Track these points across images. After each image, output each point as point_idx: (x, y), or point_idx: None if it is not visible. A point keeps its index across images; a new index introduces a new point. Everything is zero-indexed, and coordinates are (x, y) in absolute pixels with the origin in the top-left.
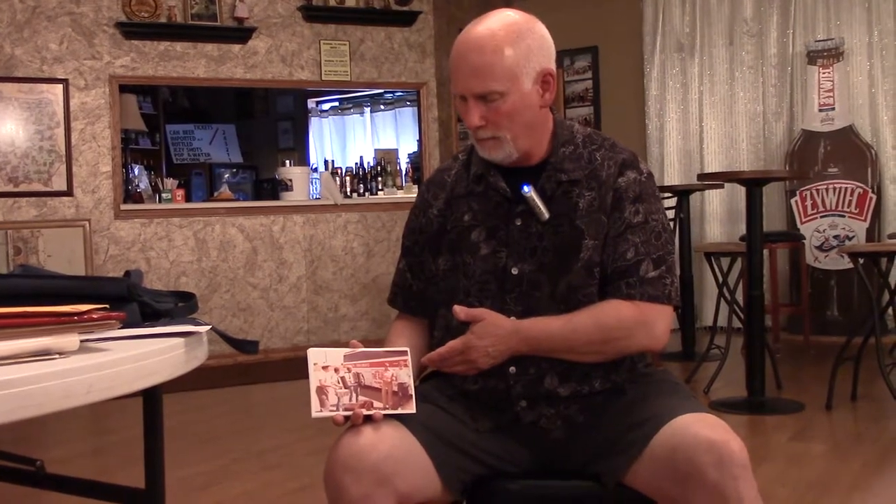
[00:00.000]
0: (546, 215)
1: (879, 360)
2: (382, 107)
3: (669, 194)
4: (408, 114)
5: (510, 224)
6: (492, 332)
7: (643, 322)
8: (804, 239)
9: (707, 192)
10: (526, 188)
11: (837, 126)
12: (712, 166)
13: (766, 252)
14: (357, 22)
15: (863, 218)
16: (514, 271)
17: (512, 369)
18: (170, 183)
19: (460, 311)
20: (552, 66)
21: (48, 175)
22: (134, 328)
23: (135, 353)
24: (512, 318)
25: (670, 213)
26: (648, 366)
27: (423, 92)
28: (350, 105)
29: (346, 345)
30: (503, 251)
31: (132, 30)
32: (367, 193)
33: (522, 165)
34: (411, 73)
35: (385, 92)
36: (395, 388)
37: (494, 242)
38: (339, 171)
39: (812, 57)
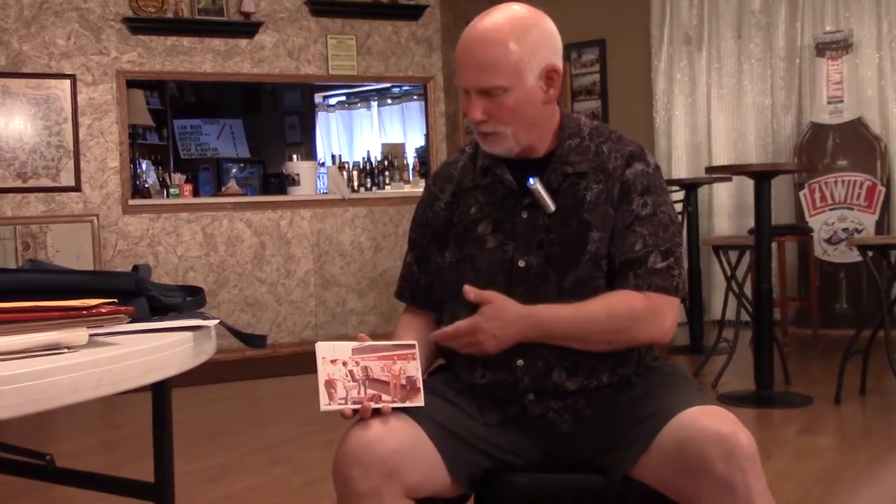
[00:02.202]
0: (552, 208)
1: (888, 354)
2: (389, 101)
3: (677, 188)
4: (415, 108)
5: (517, 217)
6: (500, 314)
7: (654, 314)
8: (813, 232)
9: (715, 185)
10: (531, 181)
11: (846, 118)
12: (720, 159)
13: (774, 245)
14: (364, 16)
15: (872, 211)
16: (521, 264)
17: (520, 363)
18: (177, 178)
19: (470, 290)
20: (558, 62)
21: (56, 170)
22: (142, 322)
23: (144, 348)
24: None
25: (678, 207)
26: (656, 359)
27: (429, 86)
28: (357, 99)
29: (354, 339)
30: (510, 244)
31: (139, 25)
32: (374, 188)
33: (528, 158)
34: (418, 68)
35: (392, 86)
36: (404, 382)
37: (501, 235)
38: (347, 166)
39: (821, 49)
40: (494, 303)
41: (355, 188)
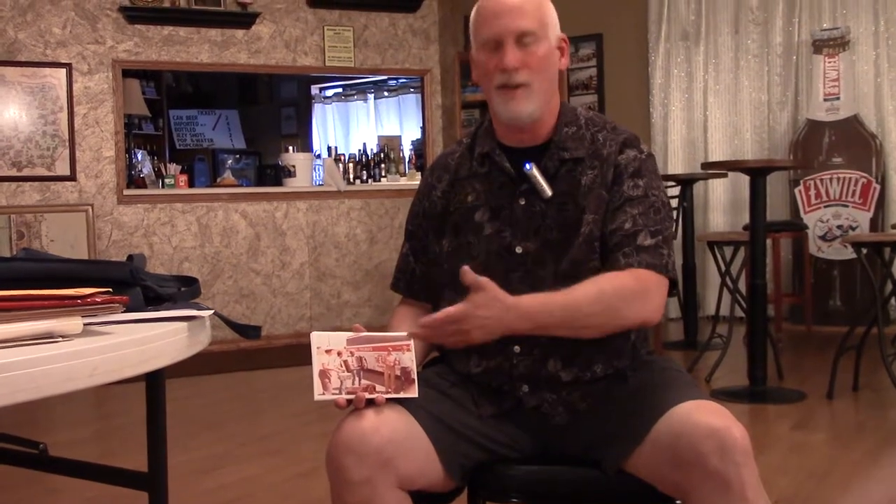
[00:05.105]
0: (548, 192)
1: (881, 350)
2: (386, 93)
3: (673, 183)
4: (411, 101)
5: (514, 203)
6: (491, 304)
7: (641, 292)
8: (807, 228)
9: (711, 181)
10: (527, 165)
11: (842, 116)
12: (716, 155)
13: (769, 241)
14: (361, 8)
15: (866, 208)
16: (519, 250)
17: (516, 348)
18: (173, 168)
19: (469, 273)
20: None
21: (51, 160)
22: (137, 312)
23: (138, 337)
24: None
25: (673, 202)
26: (651, 353)
27: (426, 79)
28: (353, 91)
29: (349, 331)
30: (507, 230)
31: (135, 14)
32: (370, 180)
33: (527, 146)
34: (415, 60)
35: (389, 78)
36: (398, 372)
37: (499, 222)
38: (343, 158)
39: (817, 46)
40: (488, 291)
41: (351, 180)
